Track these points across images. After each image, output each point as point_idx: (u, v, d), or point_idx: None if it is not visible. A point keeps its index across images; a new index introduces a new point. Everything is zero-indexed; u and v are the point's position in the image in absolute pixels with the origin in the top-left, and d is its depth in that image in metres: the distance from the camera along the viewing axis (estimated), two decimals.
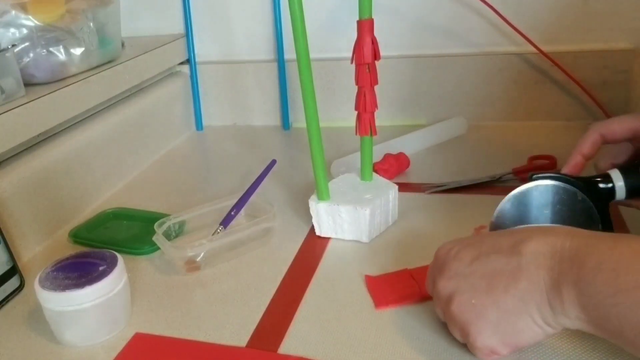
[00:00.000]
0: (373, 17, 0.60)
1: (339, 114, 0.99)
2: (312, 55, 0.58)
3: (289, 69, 1.00)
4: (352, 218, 0.63)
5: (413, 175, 0.79)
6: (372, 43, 0.60)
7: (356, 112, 0.64)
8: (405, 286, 0.55)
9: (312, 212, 0.65)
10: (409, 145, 0.85)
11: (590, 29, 0.90)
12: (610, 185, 0.52)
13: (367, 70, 0.61)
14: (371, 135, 0.65)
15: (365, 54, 0.60)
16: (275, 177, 0.83)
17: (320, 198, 0.64)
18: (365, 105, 0.62)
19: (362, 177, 0.67)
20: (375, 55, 0.61)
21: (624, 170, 0.53)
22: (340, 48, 0.95)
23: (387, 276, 0.57)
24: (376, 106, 0.63)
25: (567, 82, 0.91)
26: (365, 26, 0.60)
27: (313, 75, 0.58)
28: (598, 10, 0.90)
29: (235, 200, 0.69)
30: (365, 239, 0.63)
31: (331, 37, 0.95)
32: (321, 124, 0.61)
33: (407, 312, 0.52)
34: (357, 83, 0.62)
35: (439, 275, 0.47)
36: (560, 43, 0.91)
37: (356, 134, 0.65)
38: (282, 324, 0.52)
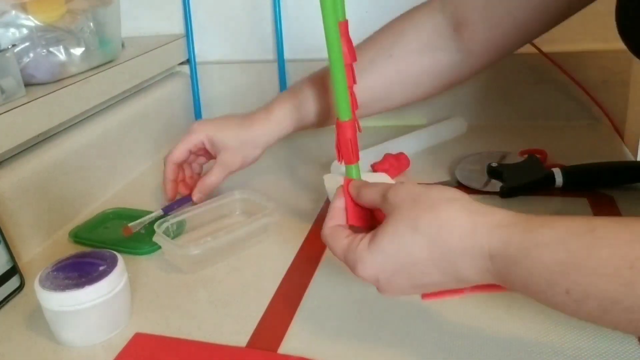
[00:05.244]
0: (372, 17, 0.60)
1: None
2: (313, 56, 0.58)
3: (289, 69, 1.00)
4: None
5: (413, 175, 0.79)
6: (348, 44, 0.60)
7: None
8: None
9: None
10: (409, 145, 0.85)
11: (590, 29, 0.90)
12: None
13: None
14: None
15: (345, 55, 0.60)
16: (275, 177, 0.83)
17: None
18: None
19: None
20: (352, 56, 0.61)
21: None
22: None
23: None
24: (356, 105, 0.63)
25: (567, 82, 0.91)
26: (340, 27, 0.60)
27: (314, 75, 0.58)
28: (598, 10, 0.89)
29: (228, 199, 0.70)
30: None
31: None
32: None
33: (407, 312, 0.52)
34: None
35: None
36: (560, 43, 0.91)
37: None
38: (282, 324, 0.52)
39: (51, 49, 0.73)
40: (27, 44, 0.71)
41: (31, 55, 0.72)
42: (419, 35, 0.65)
